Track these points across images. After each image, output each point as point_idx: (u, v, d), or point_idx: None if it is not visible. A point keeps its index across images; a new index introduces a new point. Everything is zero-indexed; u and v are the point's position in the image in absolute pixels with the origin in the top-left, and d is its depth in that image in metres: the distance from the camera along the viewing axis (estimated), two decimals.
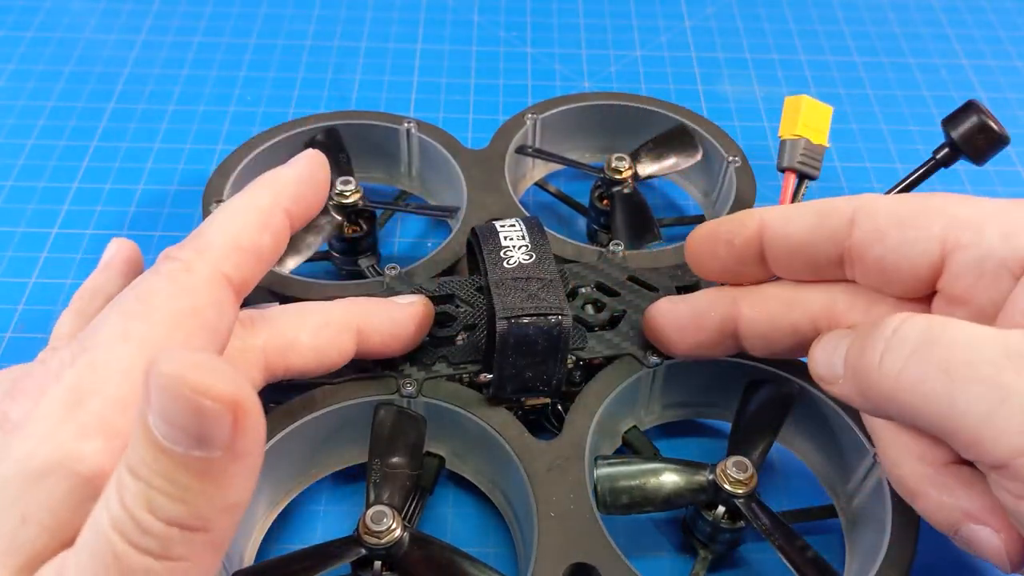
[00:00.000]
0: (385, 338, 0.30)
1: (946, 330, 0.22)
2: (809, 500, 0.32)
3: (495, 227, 0.31)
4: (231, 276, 0.23)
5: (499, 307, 0.28)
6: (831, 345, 0.26)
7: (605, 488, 0.28)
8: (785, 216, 0.27)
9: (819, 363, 0.26)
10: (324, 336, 0.28)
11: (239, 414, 0.16)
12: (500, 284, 0.29)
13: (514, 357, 0.29)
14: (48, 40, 0.52)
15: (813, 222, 0.26)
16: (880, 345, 0.23)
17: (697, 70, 0.52)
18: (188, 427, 0.16)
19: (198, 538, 0.18)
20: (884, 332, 0.23)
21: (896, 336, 0.23)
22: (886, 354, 0.23)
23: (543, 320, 0.28)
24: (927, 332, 0.22)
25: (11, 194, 0.43)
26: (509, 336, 0.28)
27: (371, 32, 0.53)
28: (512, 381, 0.30)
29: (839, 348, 0.25)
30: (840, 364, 0.25)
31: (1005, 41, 0.55)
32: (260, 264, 0.24)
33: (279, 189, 0.26)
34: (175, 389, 0.16)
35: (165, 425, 0.16)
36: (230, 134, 0.46)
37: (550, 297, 0.29)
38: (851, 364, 0.24)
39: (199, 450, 0.17)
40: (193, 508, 0.17)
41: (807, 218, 0.27)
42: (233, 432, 0.17)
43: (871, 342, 0.24)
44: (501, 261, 0.30)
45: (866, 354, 0.24)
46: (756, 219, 0.28)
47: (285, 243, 0.25)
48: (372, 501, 0.28)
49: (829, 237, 0.26)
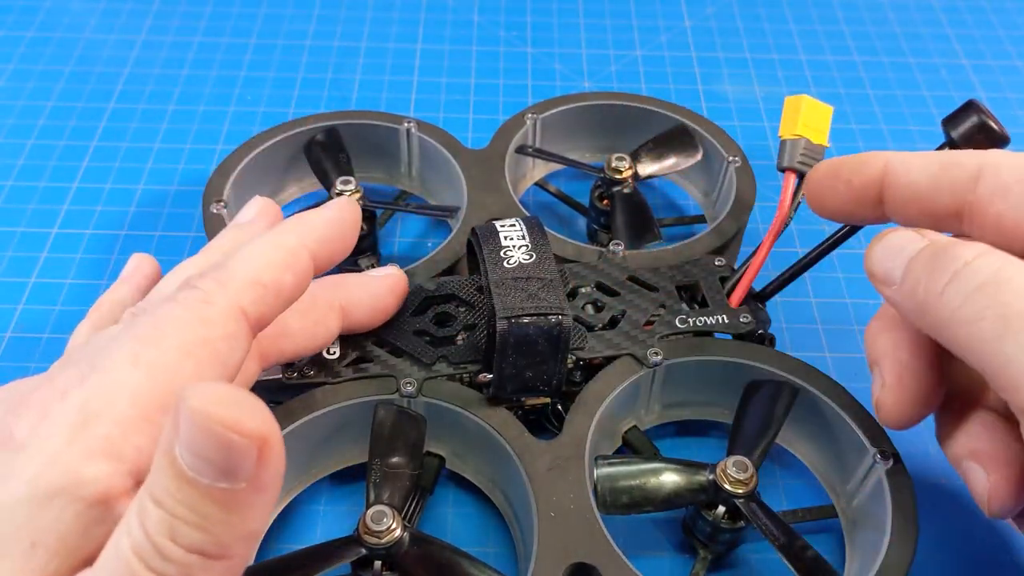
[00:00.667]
0: (367, 311, 0.31)
1: (1018, 275, 0.22)
2: (809, 500, 0.32)
3: (495, 227, 0.31)
4: (248, 311, 0.23)
5: (499, 307, 0.28)
6: (895, 246, 0.26)
7: (605, 488, 0.28)
8: (908, 162, 0.27)
9: (877, 263, 0.26)
10: (311, 317, 0.29)
11: (264, 449, 0.17)
12: (500, 284, 0.29)
13: (514, 357, 0.29)
14: (48, 40, 0.52)
15: (936, 171, 0.26)
16: (948, 273, 0.23)
17: (697, 70, 0.52)
18: (215, 460, 0.17)
19: (218, 565, 0.18)
20: (956, 261, 0.23)
21: (968, 268, 0.23)
22: (951, 284, 0.23)
23: (543, 320, 0.28)
24: (999, 272, 0.23)
25: (11, 194, 0.43)
26: (509, 336, 0.28)
27: (371, 32, 0.53)
28: (512, 381, 0.30)
29: (903, 252, 0.25)
30: (900, 270, 0.25)
31: (1005, 41, 0.55)
32: (279, 302, 0.24)
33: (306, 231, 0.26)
34: (205, 424, 0.17)
35: (192, 457, 0.17)
36: (230, 134, 0.46)
37: (550, 297, 0.29)
38: (913, 278, 0.24)
39: (225, 482, 0.17)
40: (215, 536, 0.18)
41: (930, 167, 0.26)
42: (258, 466, 0.17)
43: (940, 266, 0.24)
44: (501, 261, 0.30)
45: (933, 276, 0.24)
46: (880, 161, 0.27)
47: (307, 284, 0.26)
48: (372, 501, 0.28)
49: (950, 188, 0.26)
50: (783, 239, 0.38)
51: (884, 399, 0.26)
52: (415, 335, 0.32)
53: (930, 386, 0.26)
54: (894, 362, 0.26)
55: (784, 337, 0.38)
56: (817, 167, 0.29)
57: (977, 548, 0.32)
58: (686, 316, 0.33)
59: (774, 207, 0.35)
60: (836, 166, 0.29)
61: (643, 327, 0.33)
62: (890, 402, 0.26)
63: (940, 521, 0.32)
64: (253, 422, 0.17)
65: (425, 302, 0.33)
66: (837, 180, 0.28)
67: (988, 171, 0.25)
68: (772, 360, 0.32)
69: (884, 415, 0.27)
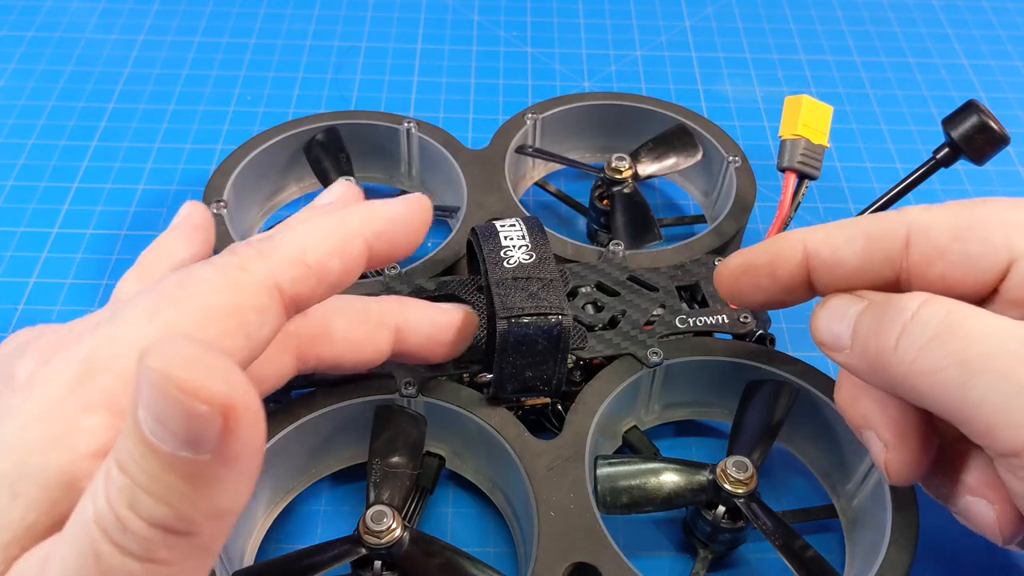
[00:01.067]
0: (423, 340, 0.29)
1: (967, 319, 0.22)
2: (809, 500, 0.32)
3: (495, 227, 0.31)
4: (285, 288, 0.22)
5: (499, 307, 0.28)
6: (839, 311, 0.25)
7: (605, 488, 0.28)
8: (831, 242, 0.26)
9: (823, 329, 0.26)
10: (360, 330, 0.28)
11: (231, 417, 0.15)
12: (500, 284, 0.29)
13: (514, 357, 0.29)
14: (48, 40, 0.52)
15: (863, 246, 0.25)
16: (897, 327, 0.23)
17: (697, 70, 0.52)
18: (175, 426, 0.15)
19: (182, 542, 0.17)
20: (902, 313, 0.23)
21: (915, 320, 0.23)
22: (903, 337, 0.23)
23: (543, 320, 0.28)
24: (947, 319, 0.22)
25: (11, 194, 0.43)
26: (509, 335, 0.28)
27: (371, 32, 0.53)
28: (512, 381, 0.30)
29: (847, 316, 0.25)
30: (847, 334, 0.25)
31: (1005, 41, 0.55)
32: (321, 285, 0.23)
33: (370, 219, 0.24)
34: (163, 386, 0.15)
35: (153, 421, 0.16)
36: (230, 134, 0.46)
37: (550, 297, 0.29)
38: (862, 338, 0.24)
39: (186, 451, 0.16)
40: (177, 511, 0.16)
41: (857, 242, 0.25)
42: (223, 436, 0.15)
43: (887, 321, 0.23)
44: (501, 261, 0.30)
45: (881, 333, 0.23)
46: (798, 246, 0.26)
47: (357, 273, 0.24)
48: (372, 501, 0.28)
49: (883, 260, 0.25)
50: None
51: (893, 460, 0.25)
52: None
53: (929, 433, 0.25)
54: (889, 421, 0.25)
55: (784, 337, 0.38)
56: (725, 265, 0.28)
57: (977, 548, 0.32)
58: (686, 316, 0.33)
59: (774, 207, 0.35)
60: (749, 261, 0.27)
61: (643, 327, 0.33)
62: (900, 461, 0.25)
63: (940, 521, 0.32)
64: (217, 387, 0.15)
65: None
66: (758, 275, 0.27)
67: (917, 234, 0.25)
68: (772, 360, 0.32)
69: (896, 476, 0.25)
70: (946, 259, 0.24)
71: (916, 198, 0.43)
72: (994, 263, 0.24)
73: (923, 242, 0.24)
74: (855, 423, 0.26)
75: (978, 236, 0.24)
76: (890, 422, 0.25)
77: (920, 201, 0.44)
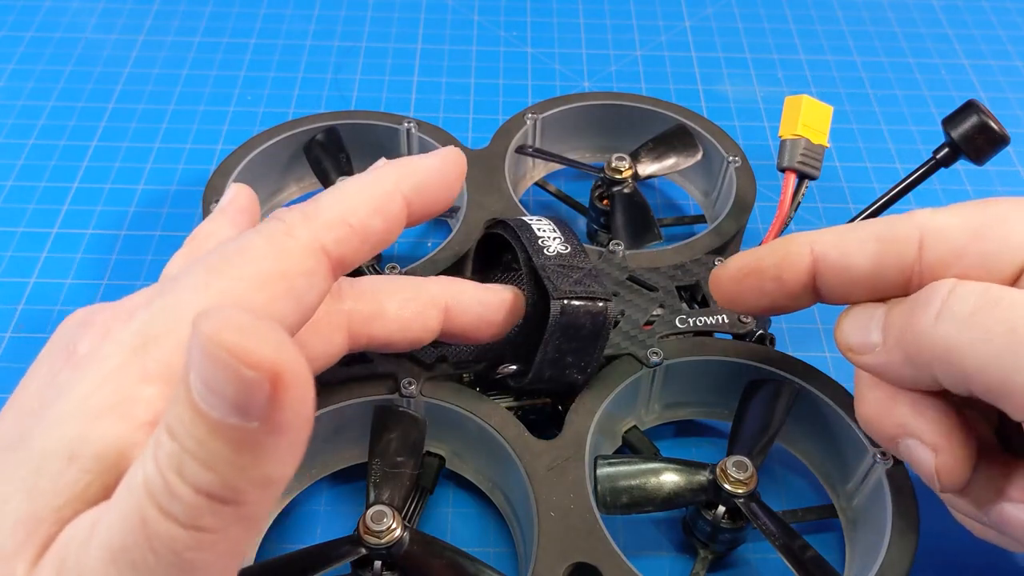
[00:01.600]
0: (472, 320, 0.29)
1: (1006, 292, 0.22)
2: (809, 500, 0.32)
3: (524, 220, 0.31)
4: (330, 250, 0.22)
5: (552, 288, 0.28)
6: (864, 315, 0.25)
7: (605, 488, 0.28)
8: (841, 246, 0.25)
9: (850, 333, 0.25)
10: (410, 308, 0.28)
11: (279, 384, 0.15)
12: (545, 268, 0.29)
13: (560, 340, 0.29)
14: (48, 40, 0.52)
15: (875, 249, 0.25)
16: (936, 305, 0.23)
17: (697, 70, 0.52)
18: (224, 392, 0.15)
19: (228, 511, 0.17)
20: (939, 293, 0.23)
21: (954, 296, 0.22)
22: (943, 313, 0.22)
23: (593, 305, 0.28)
24: (987, 293, 0.22)
25: (11, 194, 0.43)
26: (562, 318, 0.28)
27: (371, 32, 0.53)
28: (552, 366, 0.29)
29: (875, 317, 0.25)
30: (877, 332, 0.24)
31: (1005, 41, 0.55)
32: (365, 246, 0.23)
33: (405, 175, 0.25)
34: (212, 350, 0.15)
35: (202, 386, 0.15)
36: (230, 134, 0.46)
37: (596, 284, 0.29)
38: (897, 328, 0.24)
39: (235, 418, 0.15)
40: (223, 478, 0.16)
41: (868, 245, 0.25)
42: (271, 403, 0.15)
43: (923, 303, 0.23)
44: (541, 249, 0.30)
45: (918, 315, 0.23)
46: (806, 250, 0.25)
47: (398, 231, 0.24)
48: (372, 501, 0.28)
49: (895, 264, 0.24)
50: None
51: (944, 464, 0.24)
52: None
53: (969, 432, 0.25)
54: (931, 423, 0.24)
55: (784, 337, 0.38)
56: (726, 267, 0.27)
57: (977, 549, 0.32)
58: (686, 316, 0.33)
59: (774, 207, 0.35)
60: (754, 264, 0.27)
61: (643, 327, 0.33)
62: (952, 465, 0.24)
63: (940, 521, 0.32)
64: (265, 352, 0.15)
65: None
66: (763, 279, 0.26)
67: (931, 237, 0.24)
68: (772, 360, 0.32)
69: (949, 480, 0.24)
70: (964, 260, 0.24)
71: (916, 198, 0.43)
72: (1013, 260, 0.24)
73: (939, 244, 0.24)
74: (890, 433, 0.25)
75: (996, 234, 0.24)
76: (932, 424, 0.24)
77: (920, 202, 0.44)
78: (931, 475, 0.24)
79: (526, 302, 0.30)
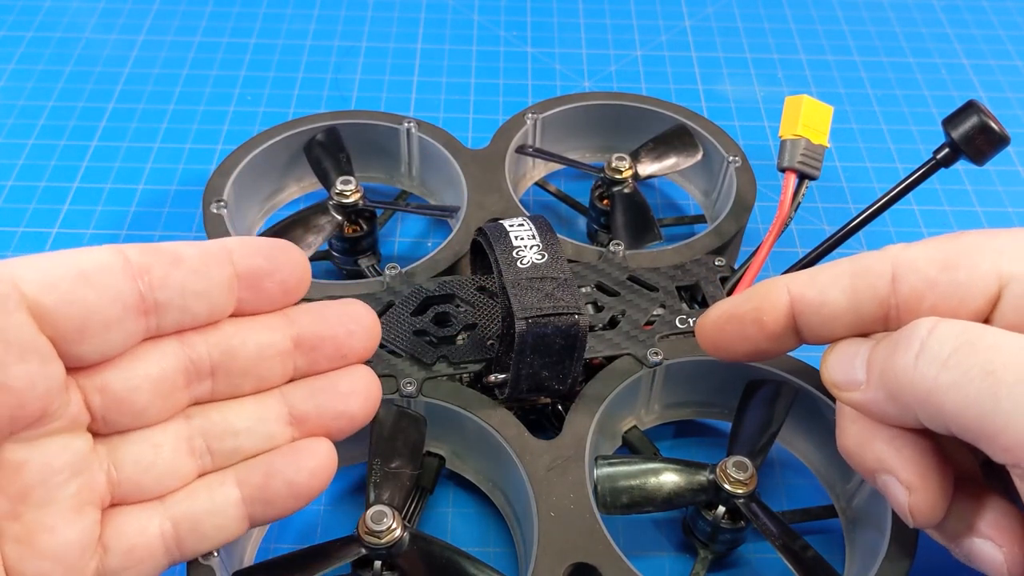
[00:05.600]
0: None
1: (985, 332, 0.22)
2: (809, 500, 0.32)
3: (504, 227, 0.31)
4: None
5: (517, 307, 0.28)
6: (850, 351, 0.25)
7: (605, 488, 0.28)
8: (816, 286, 0.25)
9: (835, 370, 0.26)
10: None
11: None
12: (516, 284, 0.29)
13: (532, 357, 0.29)
14: (48, 40, 0.52)
15: (850, 284, 0.25)
16: (915, 346, 0.23)
17: (697, 70, 0.52)
18: None
19: None
20: (919, 333, 0.23)
21: (933, 336, 0.22)
22: (922, 354, 0.22)
23: (561, 319, 0.28)
24: (965, 334, 0.22)
25: (11, 194, 0.43)
26: (528, 336, 0.28)
27: (371, 32, 0.53)
28: (528, 380, 0.30)
29: (859, 354, 0.25)
30: (861, 369, 0.25)
31: (1005, 41, 0.55)
32: None
33: None
34: None
35: None
36: (230, 134, 0.46)
37: (566, 296, 0.29)
38: (879, 367, 0.24)
39: None
40: None
41: (842, 280, 0.25)
42: None
43: (904, 343, 0.23)
44: (515, 261, 0.30)
45: (899, 355, 0.23)
46: (783, 291, 0.26)
47: None
48: (372, 501, 0.28)
49: (871, 298, 0.25)
50: (783, 239, 0.38)
51: (918, 503, 0.24)
52: (415, 335, 0.32)
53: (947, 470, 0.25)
54: (906, 461, 0.24)
55: None
56: (707, 316, 0.28)
57: None
58: (686, 316, 0.33)
59: (774, 207, 0.35)
60: (733, 311, 0.27)
61: (643, 327, 0.33)
62: (926, 503, 0.24)
63: None
64: None
65: (425, 302, 0.33)
66: (743, 324, 0.27)
67: (903, 268, 0.25)
68: (772, 360, 0.32)
69: (922, 518, 0.25)
70: (936, 290, 0.24)
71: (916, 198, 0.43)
72: (984, 289, 0.24)
73: (911, 275, 0.24)
74: (868, 467, 0.25)
75: (966, 264, 0.24)
76: (908, 462, 0.24)
77: (921, 201, 0.44)
78: (904, 512, 0.25)
79: (502, 318, 0.30)
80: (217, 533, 0.25)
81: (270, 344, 0.25)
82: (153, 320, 0.23)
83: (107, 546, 0.23)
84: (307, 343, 0.26)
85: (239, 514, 0.25)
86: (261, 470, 0.25)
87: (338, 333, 0.26)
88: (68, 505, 0.22)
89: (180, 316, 0.24)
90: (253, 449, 0.26)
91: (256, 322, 0.25)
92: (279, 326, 0.26)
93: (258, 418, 0.26)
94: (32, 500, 0.22)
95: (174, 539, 0.24)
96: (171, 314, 0.24)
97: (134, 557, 0.24)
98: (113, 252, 0.23)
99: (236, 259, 0.25)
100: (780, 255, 0.40)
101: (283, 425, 0.26)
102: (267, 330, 0.25)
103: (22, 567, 0.22)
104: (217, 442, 0.25)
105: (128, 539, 0.24)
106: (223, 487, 0.25)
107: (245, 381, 0.25)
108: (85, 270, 0.22)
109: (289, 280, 0.25)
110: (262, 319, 0.26)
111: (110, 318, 0.22)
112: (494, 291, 0.33)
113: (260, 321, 0.25)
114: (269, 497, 0.25)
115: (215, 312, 0.24)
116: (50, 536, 0.22)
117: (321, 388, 0.26)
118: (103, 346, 0.22)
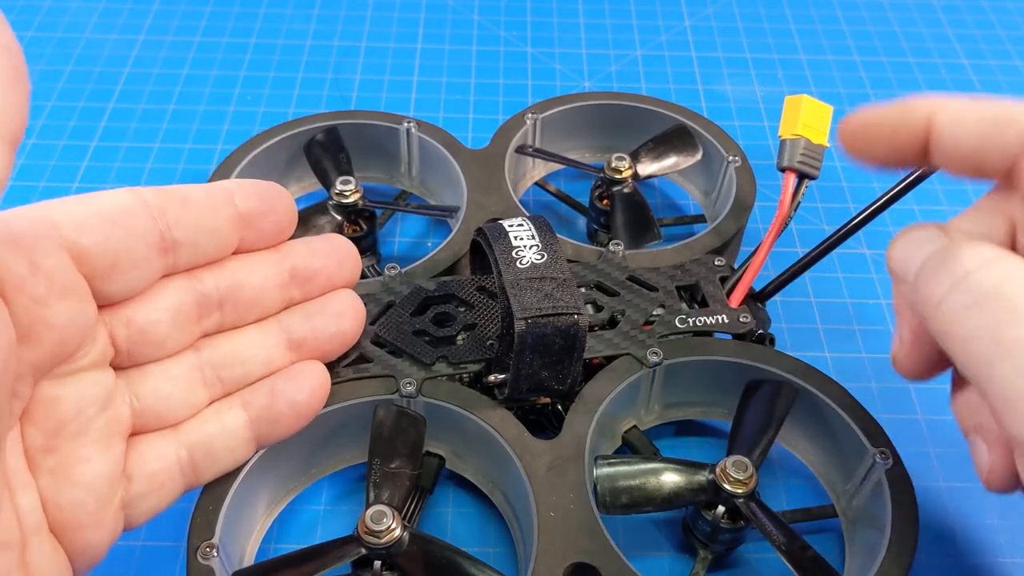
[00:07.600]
0: None
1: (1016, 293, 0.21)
2: (809, 500, 0.32)
3: (503, 227, 0.31)
4: None
5: (516, 308, 0.28)
6: (914, 245, 0.25)
7: (605, 488, 0.28)
8: (957, 118, 0.25)
9: (896, 258, 0.26)
10: None
11: None
12: (515, 285, 0.29)
13: (531, 357, 0.29)
14: (48, 40, 0.52)
15: (986, 131, 0.24)
16: (946, 283, 0.22)
17: (697, 70, 0.52)
18: None
19: None
20: (957, 269, 0.22)
21: (966, 281, 0.22)
22: (949, 296, 0.22)
23: (560, 320, 0.28)
24: (998, 289, 0.22)
25: (11, 194, 0.43)
26: (528, 336, 0.28)
27: (371, 32, 0.53)
28: (528, 380, 0.30)
29: (921, 251, 0.24)
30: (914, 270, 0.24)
31: (1005, 41, 0.55)
32: None
33: None
34: None
35: None
36: (230, 134, 0.46)
37: (565, 296, 0.29)
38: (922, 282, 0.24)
39: None
40: None
41: (981, 126, 0.25)
42: None
43: (941, 274, 0.23)
44: (514, 262, 0.30)
45: (932, 285, 0.23)
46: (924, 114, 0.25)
47: None
48: (372, 501, 0.28)
49: (1000, 149, 0.24)
50: (783, 239, 0.38)
51: (899, 354, 0.26)
52: (415, 335, 0.32)
53: None
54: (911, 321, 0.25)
55: (784, 337, 0.38)
56: (852, 116, 0.27)
57: (977, 549, 0.32)
58: (686, 316, 0.33)
59: (774, 207, 0.35)
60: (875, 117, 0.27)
61: (643, 327, 0.33)
62: (907, 361, 0.26)
63: (940, 521, 0.32)
64: None
65: (425, 302, 0.33)
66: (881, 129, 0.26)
67: None
68: (772, 360, 0.32)
69: (899, 369, 0.26)
70: None
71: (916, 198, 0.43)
72: None
73: None
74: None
75: None
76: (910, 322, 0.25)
77: (920, 201, 0.44)
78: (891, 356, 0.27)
79: (502, 318, 0.30)
80: (228, 455, 0.27)
81: (271, 276, 0.28)
82: (171, 258, 0.25)
83: (130, 474, 0.25)
84: (302, 275, 0.28)
85: (247, 435, 0.27)
86: (265, 392, 0.28)
87: (329, 264, 0.29)
88: (98, 437, 0.24)
89: (192, 253, 0.26)
90: (257, 375, 0.28)
91: (256, 258, 0.28)
92: (276, 260, 0.28)
93: (262, 345, 0.28)
94: (66, 434, 0.23)
95: (190, 464, 0.26)
96: (185, 252, 0.26)
97: (155, 482, 0.25)
98: (132, 194, 0.25)
99: (237, 200, 0.27)
100: (780, 255, 0.40)
101: (283, 350, 0.28)
102: (267, 264, 0.28)
103: (59, 498, 0.23)
104: (226, 370, 0.27)
105: (149, 466, 0.25)
106: (231, 411, 0.27)
107: (249, 312, 0.28)
108: (113, 212, 0.24)
109: (283, 219, 0.28)
110: (261, 255, 0.28)
111: (137, 257, 0.24)
112: (494, 291, 0.33)
113: (259, 257, 0.28)
114: (274, 417, 0.27)
115: (222, 249, 0.27)
116: (85, 466, 0.23)
117: (314, 312, 0.29)
118: (130, 283, 0.24)
